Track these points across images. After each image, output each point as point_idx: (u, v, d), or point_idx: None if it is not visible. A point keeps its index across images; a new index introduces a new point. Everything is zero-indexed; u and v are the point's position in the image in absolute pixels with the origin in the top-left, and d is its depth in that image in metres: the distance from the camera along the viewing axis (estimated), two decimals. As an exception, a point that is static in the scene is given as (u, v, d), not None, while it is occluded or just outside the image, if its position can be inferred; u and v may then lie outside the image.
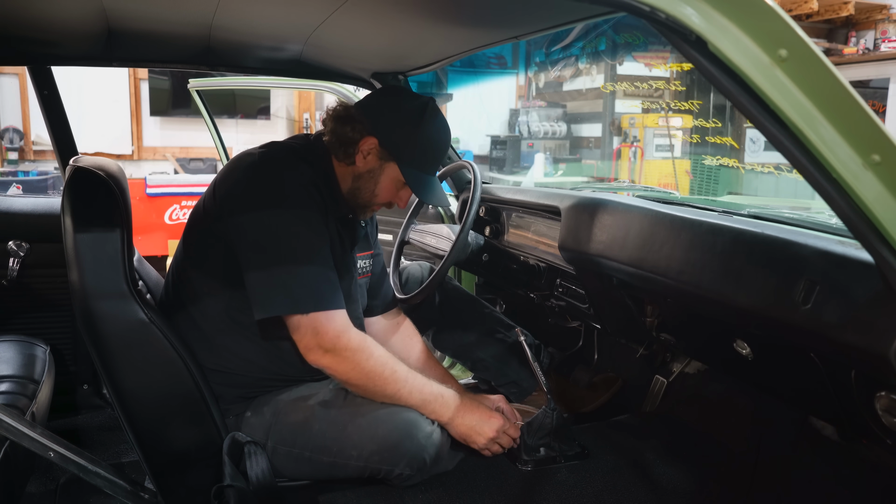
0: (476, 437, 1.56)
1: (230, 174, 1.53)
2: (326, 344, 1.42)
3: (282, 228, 1.43)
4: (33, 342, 1.92)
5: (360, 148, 1.54)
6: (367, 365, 1.45)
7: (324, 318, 1.42)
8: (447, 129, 1.61)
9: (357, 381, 1.46)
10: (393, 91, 1.68)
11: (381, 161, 1.55)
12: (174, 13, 1.55)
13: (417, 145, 1.54)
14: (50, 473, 1.80)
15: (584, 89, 8.37)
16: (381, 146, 1.54)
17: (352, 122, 1.54)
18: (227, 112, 7.63)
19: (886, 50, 6.54)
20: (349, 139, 1.54)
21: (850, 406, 1.23)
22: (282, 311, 1.42)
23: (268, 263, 1.42)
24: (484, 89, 8.85)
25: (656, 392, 2.12)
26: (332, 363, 1.44)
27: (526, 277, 2.15)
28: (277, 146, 1.59)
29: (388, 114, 1.55)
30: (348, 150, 1.55)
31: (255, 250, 1.44)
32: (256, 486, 1.41)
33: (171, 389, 1.44)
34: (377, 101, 1.60)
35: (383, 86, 1.69)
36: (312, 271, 1.43)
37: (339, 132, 1.55)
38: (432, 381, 1.54)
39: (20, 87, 7.13)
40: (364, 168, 1.56)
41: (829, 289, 1.09)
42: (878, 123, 0.81)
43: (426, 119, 1.54)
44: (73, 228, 1.36)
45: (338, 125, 1.55)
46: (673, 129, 7.08)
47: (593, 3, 0.86)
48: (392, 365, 1.48)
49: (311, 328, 1.42)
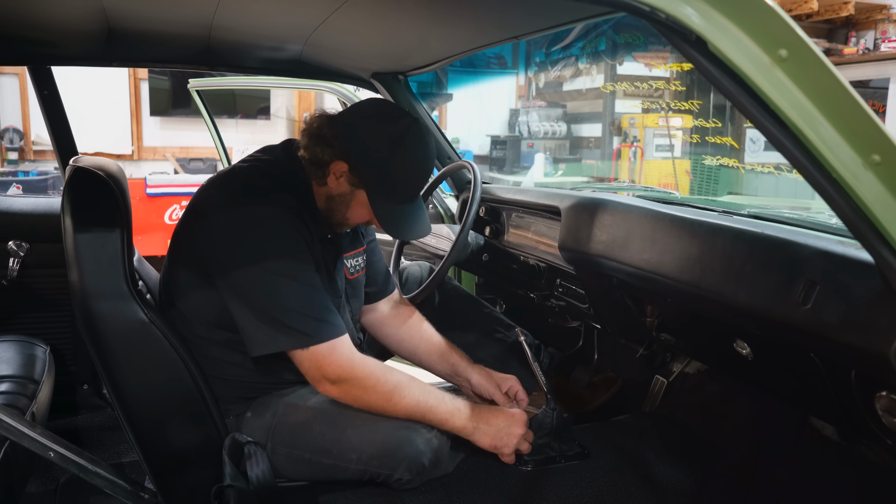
0: (507, 439, 1.53)
1: (209, 211, 1.45)
2: (332, 376, 1.41)
3: (269, 266, 1.38)
4: (33, 342, 1.92)
5: (331, 170, 1.46)
6: (376, 392, 1.43)
7: (326, 350, 1.39)
8: (427, 157, 1.49)
9: (369, 407, 1.45)
10: (372, 110, 1.49)
11: (351, 187, 1.47)
12: (174, 13, 1.55)
13: (390, 176, 1.44)
14: (50, 473, 1.80)
15: (584, 89, 8.38)
16: (350, 172, 1.45)
17: (324, 143, 1.45)
18: (227, 112, 7.62)
19: (886, 50, 6.54)
20: (320, 160, 1.46)
21: (850, 406, 1.23)
22: (280, 348, 1.40)
23: (258, 304, 1.38)
24: (484, 89, 8.85)
25: (656, 392, 2.11)
26: (341, 393, 1.43)
27: (526, 277, 2.15)
28: (255, 174, 1.50)
29: (362, 138, 1.44)
30: (320, 171, 1.47)
31: (243, 291, 1.39)
32: (257, 486, 1.41)
33: (171, 389, 1.44)
34: (353, 121, 1.48)
35: (367, 99, 1.55)
36: (306, 304, 1.39)
37: (311, 151, 1.46)
38: (445, 395, 1.50)
39: (20, 87, 7.12)
40: (336, 191, 1.49)
41: (829, 289, 1.09)
42: (878, 123, 0.81)
43: (404, 146, 1.43)
44: (73, 228, 1.36)
45: (311, 143, 1.47)
46: (673, 129, 7.08)
47: (593, 3, 0.86)
48: (402, 387, 1.45)
49: (313, 362, 1.40)
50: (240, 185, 1.48)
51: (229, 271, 1.40)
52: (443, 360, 1.77)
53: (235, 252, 1.39)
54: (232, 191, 1.47)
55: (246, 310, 1.39)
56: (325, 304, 1.43)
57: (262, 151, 1.59)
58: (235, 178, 1.51)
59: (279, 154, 1.56)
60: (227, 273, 1.40)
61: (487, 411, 1.56)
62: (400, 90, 2.30)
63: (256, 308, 1.39)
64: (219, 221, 1.43)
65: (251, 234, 1.39)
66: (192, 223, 1.50)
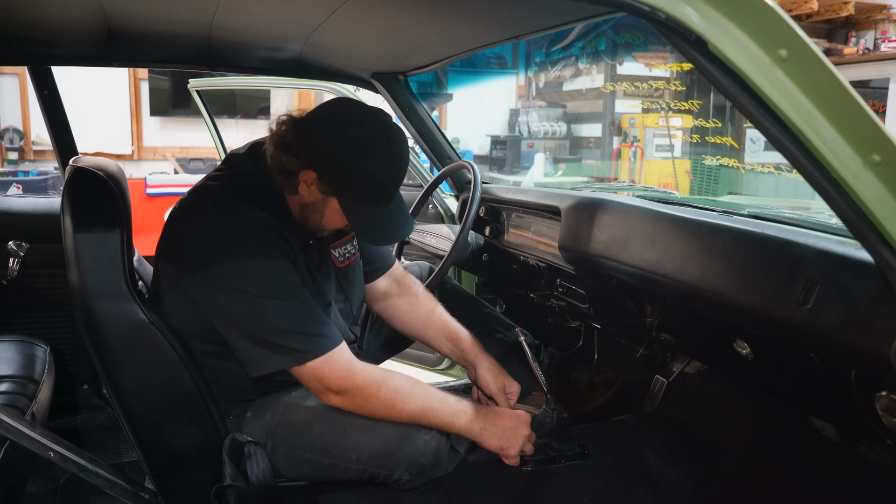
0: (513, 440, 1.52)
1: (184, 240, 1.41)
2: (333, 387, 1.41)
3: (253, 290, 1.35)
4: (33, 342, 1.91)
5: (301, 179, 1.40)
6: (379, 399, 1.43)
7: (323, 364, 1.38)
8: (397, 158, 1.41)
9: (373, 414, 1.44)
10: (338, 114, 1.41)
11: (323, 195, 1.42)
12: (174, 13, 1.55)
13: (360, 181, 1.38)
14: (50, 473, 1.80)
15: (584, 89, 8.38)
16: (320, 180, 1.39)
17: (290, 152, 1.39)
18: (227, 112, 7.63)
19: (886, 50, 6.54)
20: (288, 170, 1.39)
21: (850, 406, 1.23)
22: (277, 368, 1.39)
23: (249, 328, 1.37)
24: (484, 89, 8.85)
25: (656, 392, 2.12)
26: (344, 402, 1.43)
27: (526, 277, 2.15)
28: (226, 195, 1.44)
29: (327, 145, 1.37)
30: (289, 181, 1.41)
31: (231, 318, 1.37)
32: (257, 486, 1.41)
33: (171, 389, 1.44)
34: (319, 127, 1.40)
35: (332, 101, 1.46)
36: (297, 321, 1.37)
37: (277, 160, 1.40)
38: (448, 397, 1.49)
39: (20, 87, 7.13)
40: (308, 199, 1.43)
41: (829, 289, 1.09)
42: (878, 123, 0.81)
43: (372, 151, 1.37)
44: (72, 229, 1.36)
45: (278, 152, 1.39)
46: (673, 129, 7.08)
47: (593, 3, 0.86)
48: (405, 391, 1.44)
49: (313, 377, 1.40)
50: (212, 208, 1.43)
51: (215, 300, 1.37)
52: (451, 344, 1.76)
53: (218, 281, 1.36)
54: (205, 217, 1.42)
55: (237, 335, 1.38)
56: (316, 317, 1.41)
57: (229, 164, 1.54)
58: (206, 201, 1.45)
59: (247, 166, 1.49)
60: (214, 302, 1.38)
61: (493, 413, 1.55)
62: (400, 90, 2.30)
63: (247, 332, 1.37)
64: (196, 250, 1.39)
65: (231, 261, 1.36)
66: (170, 251, 1.46)
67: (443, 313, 1.79)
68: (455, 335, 1.76)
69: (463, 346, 1.74)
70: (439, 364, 2.77)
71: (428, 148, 2.43)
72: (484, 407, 1.57)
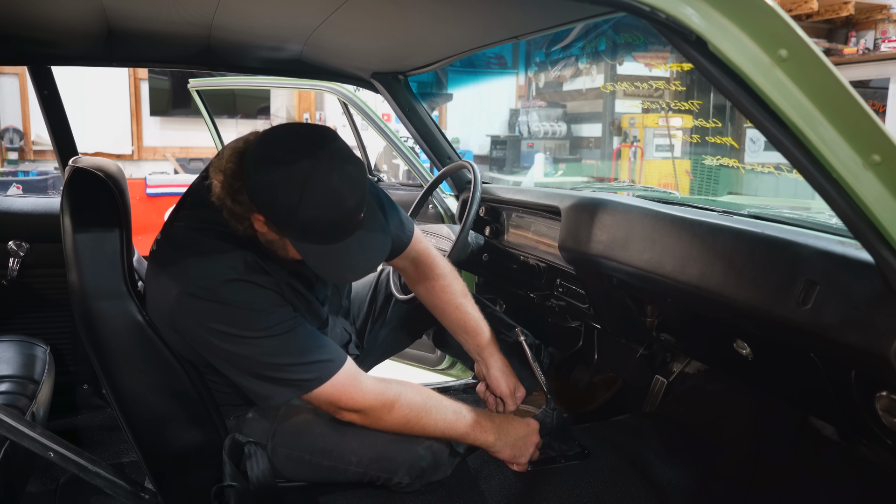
0: (524, 449, 1.53)
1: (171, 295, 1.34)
2: (346, 408, 1.40)
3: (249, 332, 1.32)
4: (33, 342, 1.92)
5: (253, 220, 1.32)
6: (392, 416, 1.43)
7: (330, 388, 1.37)
8: (337, 195, 1.25)
9: (388, 430, 1.45)
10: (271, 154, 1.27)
11: (279, 235, 1.34)
12: (174, 13, 1.55)
13: (304, 222, 1.26)
14: (50, 473, 1.80)
15: (584, 89, 8.38)
16: (268, 222, 1.31)
17: (235, 197, 1.30)
18: (227, 112, 7.63)
19: (886, 50, 6.54)
20: (238, 215, 1.32)
21: (850, 406, 1.23)
22: (286, 399, 1.38)
23: (253, 368, 1.35)
24: (484, 89, 8.85)
25: (656, 392, 2.12)
26: (359, 419, 1.43)
27: (526, 277, 2.15)
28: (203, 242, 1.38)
29: (265, 188, 1.26)
30: (241, 224, 1.34)
31: (233, 361, 1.35)
32: (257, 486, 1.41)
33: (171, 390, 1.44)
34: (255, 167, 1.27)
35: (270, 131, 1.33)
36: (298, 353, 1.35)
37: (227, 205, 1.32)
38: (460, 407, 1.50)
39: (20, 87, 7.13)
40: (267, 237, 1.36)
41: (829, 289, 1.09)
42: (878, 123, 0.81)
43: (308, 190, 1.23)
44: (72, 229, 1.36)
45: (225, 195, 1.31)
46: (673, 129, 7.08)
47: (593, 3, 0.86)
48: (419, 407, 1.44)
49: (324, 401, 1.39)
50: (189, 257, 1.37)
51: (211, 345, 1.35)
52: (469, 337, 1.73)
53: (211, 329, 1.33)
54: (186, 269, 1.36)
55: (238, 374, 1.37)
56: (315, 344, 1.38)
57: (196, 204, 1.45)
58: (185, 253, 1.38)
59: (215, 204, 1.36)
60: (210, 346, 1.35)
61: (505, 422, 1.56)
62: (400, 90, 2.30)
63: (249, 372, 1.35)
64: (183, 306, 1.34)
65: (220, 308, 1.32)
66: (157, 305, 1.40)
67: (462, 304, 1.73)
68: (474, 329, 1.73)
69: (479, 342, 1.72)
70: (439, 364, 2.77)
71: (428, 148, 2.43)
72: (495, 415, 1.57)
